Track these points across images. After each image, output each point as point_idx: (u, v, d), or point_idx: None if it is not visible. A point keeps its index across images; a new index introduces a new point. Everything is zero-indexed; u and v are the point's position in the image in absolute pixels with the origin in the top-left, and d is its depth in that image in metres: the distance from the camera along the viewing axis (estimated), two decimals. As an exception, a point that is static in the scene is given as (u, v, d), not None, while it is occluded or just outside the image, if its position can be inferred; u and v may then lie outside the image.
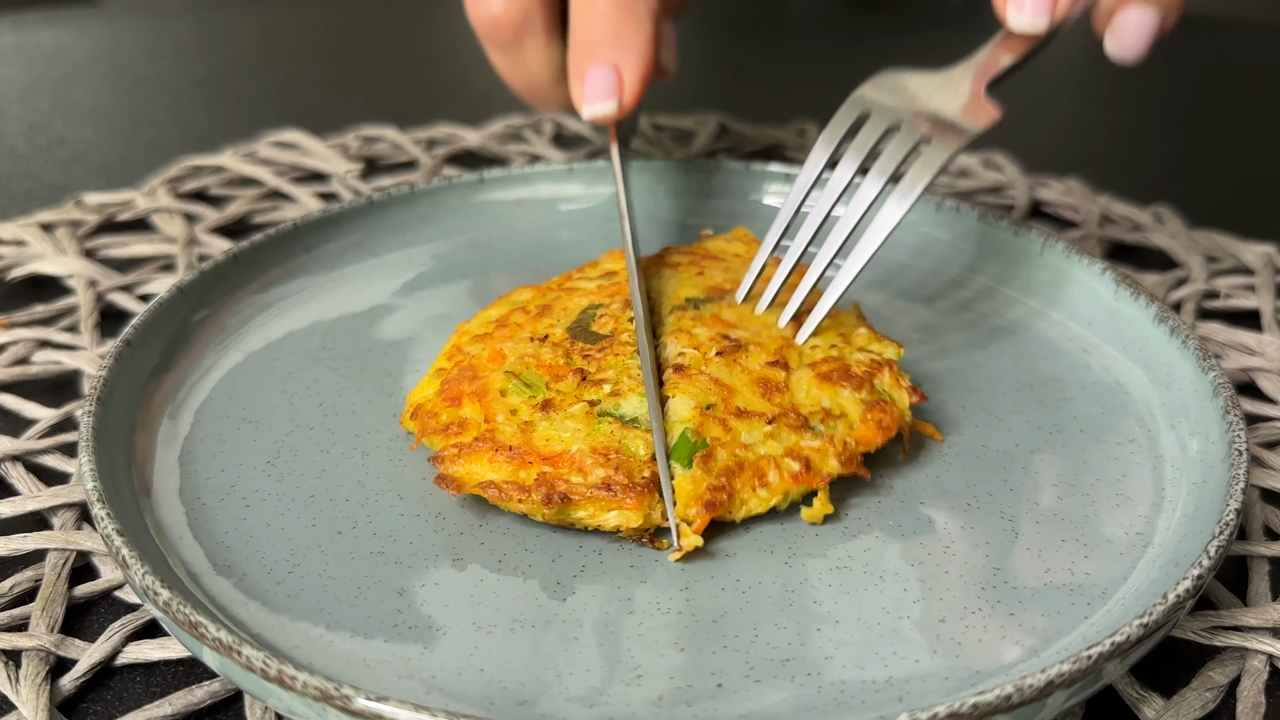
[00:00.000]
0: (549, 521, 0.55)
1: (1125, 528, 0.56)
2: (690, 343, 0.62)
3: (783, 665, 0.48)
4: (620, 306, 0.65)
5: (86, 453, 0.54)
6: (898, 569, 0.54)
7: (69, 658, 0.52)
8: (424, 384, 0.63)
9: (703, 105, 1.15)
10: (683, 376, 0.59)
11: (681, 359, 0.61)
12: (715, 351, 0.61)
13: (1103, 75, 1.39)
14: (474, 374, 0.61)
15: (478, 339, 0.65)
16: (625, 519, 0.54)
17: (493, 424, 0.58)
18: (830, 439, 0.58)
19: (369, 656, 0.49)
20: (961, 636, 0.50)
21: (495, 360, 0.62)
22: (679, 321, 0.64)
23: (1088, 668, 0.44)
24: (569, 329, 0.64)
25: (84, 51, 1.39)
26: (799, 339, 0.63)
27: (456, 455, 0.57)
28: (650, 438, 0.57)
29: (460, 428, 0.58)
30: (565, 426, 0.57)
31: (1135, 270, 0.86)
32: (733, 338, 0.62)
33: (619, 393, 0.59)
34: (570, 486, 0.54)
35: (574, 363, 0.61)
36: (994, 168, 1.02)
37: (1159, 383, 0.65)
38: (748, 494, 0.55)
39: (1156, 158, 1.14)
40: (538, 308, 0.67)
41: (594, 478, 0.55)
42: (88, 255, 0.85)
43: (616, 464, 0.55)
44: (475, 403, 0.59)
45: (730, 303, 0.66)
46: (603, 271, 0.71)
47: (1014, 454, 0.62)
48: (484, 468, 0.56)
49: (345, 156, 1.03)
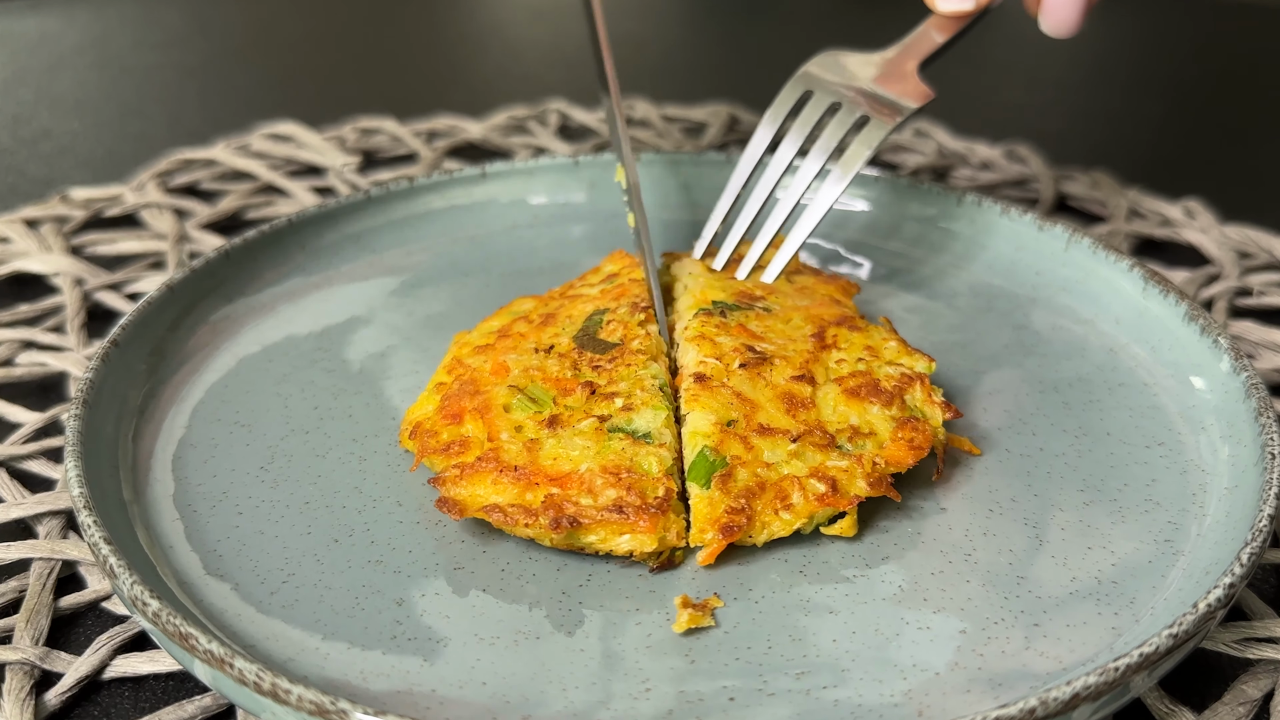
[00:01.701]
0: (558, 546, 0.54)
1: (1154, 535, 0.56)
2: (712, 352, 0.61)
3: (797, 678, 0.49)
4: (628, 310, 0.65)
5: (72, 458, 0.55)
6: (917, 577, 0.54)
7: (55, 671, 0.52)
8: (423, 399, 0.62)
9: (714, 96, 1.15)
10: (704, 388, 0.59)
11: (703, 368, 0.60)
12: (739, 364, 0.60)
13: (1131, 63, 1.39)
14: (476, 388, 0.60)
15: (479, 350, 0.64)
16: (639, 543, 0.53)
17: (496, 442, 0.57)
18: (859, 459, 0.57)
19: (367, 669, 0.49)
20: (983, 648, 0.50)
21: (498, 374, 0.61)
22: (702, 327, 0.63)
23: (1115, 680, 0.44)
24: (575, 338, 0.63)
25: (70, 40, 1.40)
26: (767, 277, 0.69)
27: (459, 476, 0.56)
28: (665, 454, 0.56)
29: (462, 447, 0.57)
30: (574, 444, 0.56)
31: (1164, 267, 0.86)
32: (758, 350, 0.62)
33: (631, 406, 0.58)
34: (580, 509, 0.53)
35: (582, 375, 0.61)
36: (1018, 160, 1.02)
37: (1189, 384, 0.65)
38: (769, 516, 0.55)
39: (1187, 149, 1.14)
40: (541, 316, 0.67)
41: (605, 499, 0.54)
42: (74, 252, 0.85)
43: (629, 484, 0.54)
44: (478, 419, 0.58)
45: (760, 313, 0.65)
46: (605, 275, 0.71)
47: (1038, 458, 0.62)
48: (488, 489, 0.55)
49: (342, 149, 1.03)
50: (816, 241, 0.81)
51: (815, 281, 0.70)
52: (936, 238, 0.80)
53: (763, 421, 0.58)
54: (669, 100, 1.14)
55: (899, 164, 1.02)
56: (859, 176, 0.81)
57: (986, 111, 1.20)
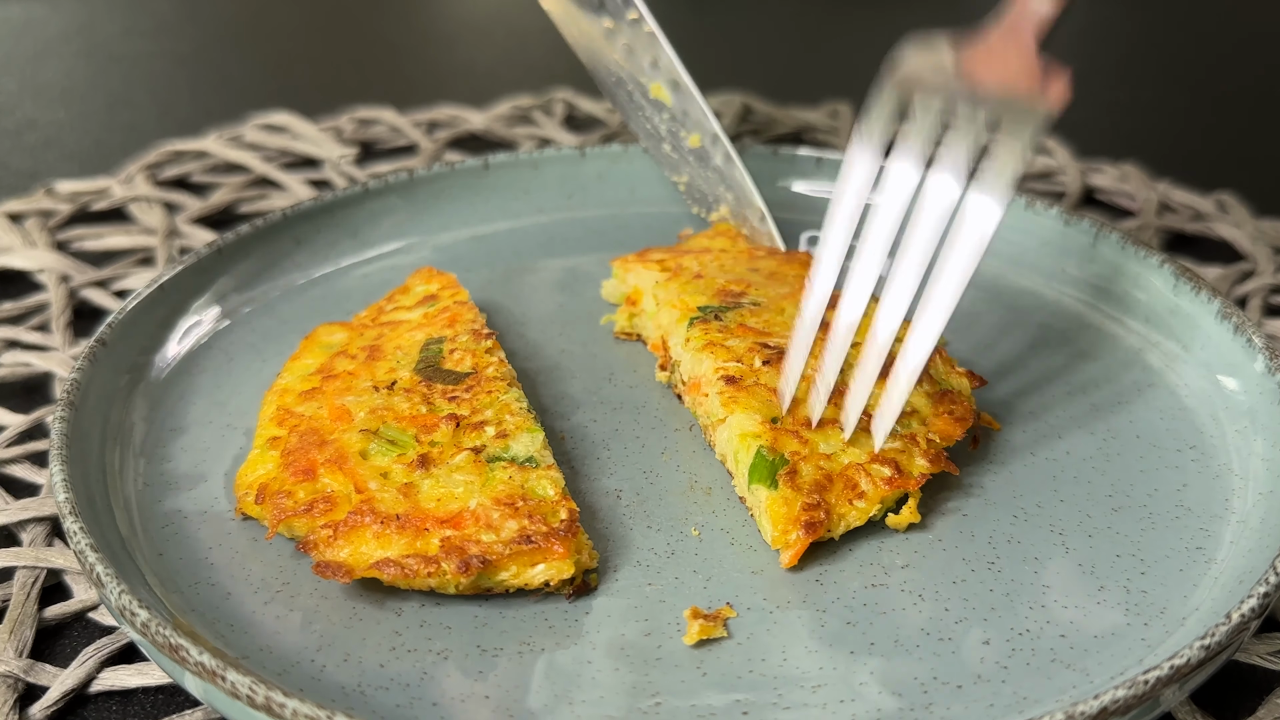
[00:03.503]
0: (464, 593, 0.52)
1: (1185, 541, 0.56)
2: (729, 355, 0.61)
3: (813, 692, 0.48)
4: (470, 339, 0.64)
5: (58, 462, 0.55)
6: (938, 587, 0.54)
7: (39, 685, 0.52)
8: (255, 460, 0.58)
9: (725, 84, 1.15)
10: (738, 389, 0.59)
11: (728, 370, 0.60)
12: (761, 361, 0.61)
13: (1161, 51, 1.39)
14: (320, 438, 0.57)
15: (305, 396, 0.61)
16: (556, 570, 0.52)
17: (366, 493, 0.54)
18: (910, 438, 0.58)
19: (364, 682, 0.49)
20: (1008, 660, 0.50)
21: (340, 419, 0.59)
22: (706, 334, 0.63)
23: (1144, 693, 0.44)
24: (418, 370, 0.62)
25: (55, 27, 1.40)
26: (876, 445, 0.57)
27: (332, 538, 0.52)
28: (556, 475, 0.55)
29: (328, 504, 0.54)
30: (454, 481, 0.55)
31: (1196, 263, 0.86)
32: (772, 345, 0.62)
33: (506, 433, 0.57)
34: (485, 547, 0.51)
35: (439, 409, 0.59)
36: (1043, 152, 1.02)
37: (1221, 385, 0.65)
38: (844, 508, 0.55)
39: (1220, 140, 1.14)
40: (363, 350, 0.64)
41: (508, 532, 0.52)
42: (59, 248, 0.85)
43: (528, 511, 0.53)
44: (335, 471, 0.55)
45: (751, 309, 0.65)
46: (420, 297, 0.70)
47: (1064, 462, 0.61)
48: (372, 545, 0.52)
49: (339, 140, 1.03)
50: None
51: (778, 264, 0.70)
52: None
53: (806, 415, 0.58)
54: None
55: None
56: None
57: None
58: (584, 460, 0.62)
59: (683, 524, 0.57)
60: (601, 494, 0.59)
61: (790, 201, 0.83)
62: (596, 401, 0.66)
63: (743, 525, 0.57)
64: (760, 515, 0.56)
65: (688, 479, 0.60)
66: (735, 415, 0.58)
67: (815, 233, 0.80)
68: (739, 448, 0.57)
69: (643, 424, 0.65)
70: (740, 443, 0.57)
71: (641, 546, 0.56)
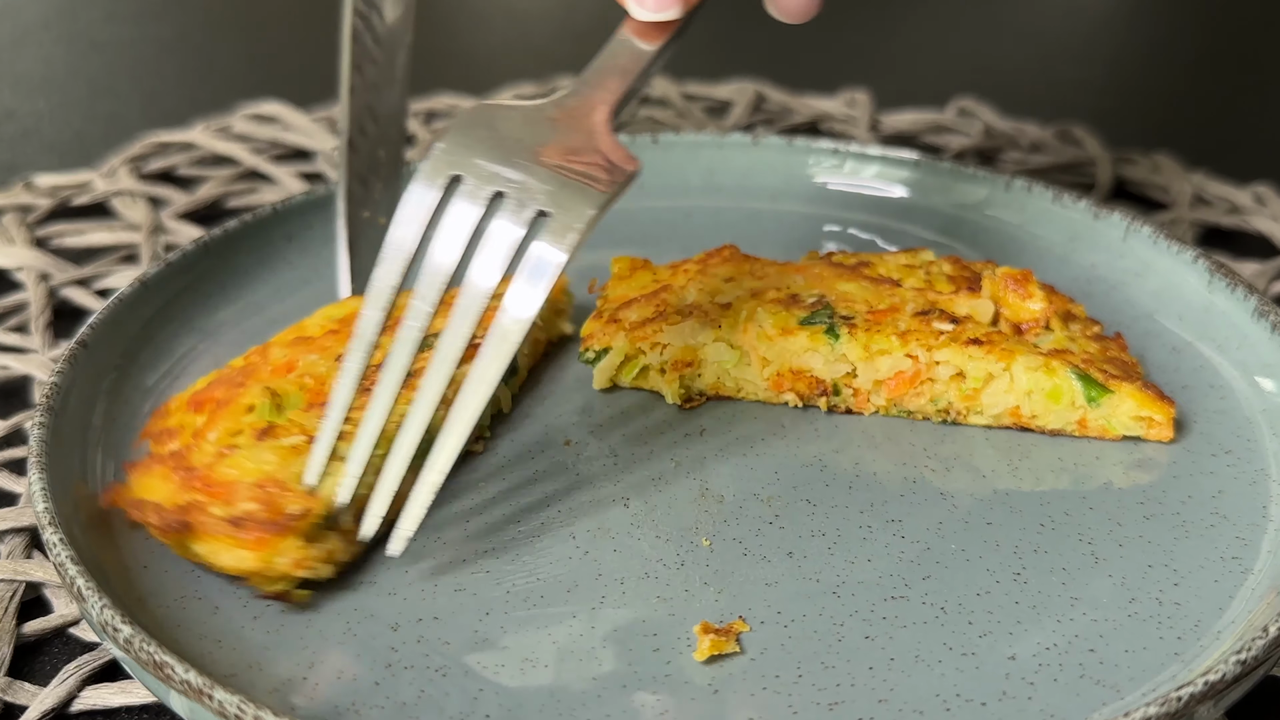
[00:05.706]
0: (184, 557, 0.53)
1: (1220, 551, 0.56)
2: (926, 341, 0.63)
3: (830, 710, 0.48)
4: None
5: (37, 470, 0.55)
6: (961, 599, 0.54)
7: (18, 704, 0.52)
8: (201, 381, 0.61)
9: (739, 72, 1.15)
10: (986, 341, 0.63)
11: (952, 334, 0.63)
12: (969, 339, 0.63)
13: (1196, 38, 1.39)
14: (242, 380, 0.59)
15: (296, 343, 0.63)
16: (238, 560, 0.51)
17: (200, 439, 0.55)
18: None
19: (358, 701, 0.49)
20: (1034, 676, 0.50)
21: (278, 372, 0.60)
22: (866, 332, 0.64)
23: (1177, 710, 0.44)
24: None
25: (34, 13, 1.40)
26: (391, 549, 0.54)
27: (147, 466, 0.55)
28: (349, 481, 0.53)
29: (169, 436, 0.56)
30: (262, 458, 0.54)
31: (1232, 258, 0.86)
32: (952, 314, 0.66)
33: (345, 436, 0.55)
34: (203, 519, 0.51)
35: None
36: (1072, 142, 1.02)
37: (1258, 386, 0.65)
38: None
39: (1257, 131, 1.14)
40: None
41: (236, 510, 0.51)
42: (38, 245, 0.85)
43: (268, 498, 0.52)
44: (203, 411, 0.57)
45: (860, 303, 0.66)
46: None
47: (1094, 467, 0.61)
48: (155, 484, 0.54)
49: (332, 131, 1.03)
50: (853, 232, 0.81)
51: (779, 268, 0.70)
52: (982, 226, 0.80)
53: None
54: (690, 77, 1.14)
55: (941, 146, 1.02)
56: (895, 159, 0.81)
57: (1037, 89, 1.20)
58: (590, 465, 0.62)
59: (693, 534, 0.57)
60: (609, 502, 0.60)
61: (804, 193, 0.83)
62: (601, 405, 0.67)
63: (756, 535, 0.57)
64: (1112, 418, 0.62)
65: (699, 486, 0.60)
66: (1017, 361, 0.62)
67: (834, 226, 0.80)
68: (1046, 383, 0.62)
69: (650, 428, 0.65)
70: (1048, 374, 0.62)
71: (650, 557, 0.56)
